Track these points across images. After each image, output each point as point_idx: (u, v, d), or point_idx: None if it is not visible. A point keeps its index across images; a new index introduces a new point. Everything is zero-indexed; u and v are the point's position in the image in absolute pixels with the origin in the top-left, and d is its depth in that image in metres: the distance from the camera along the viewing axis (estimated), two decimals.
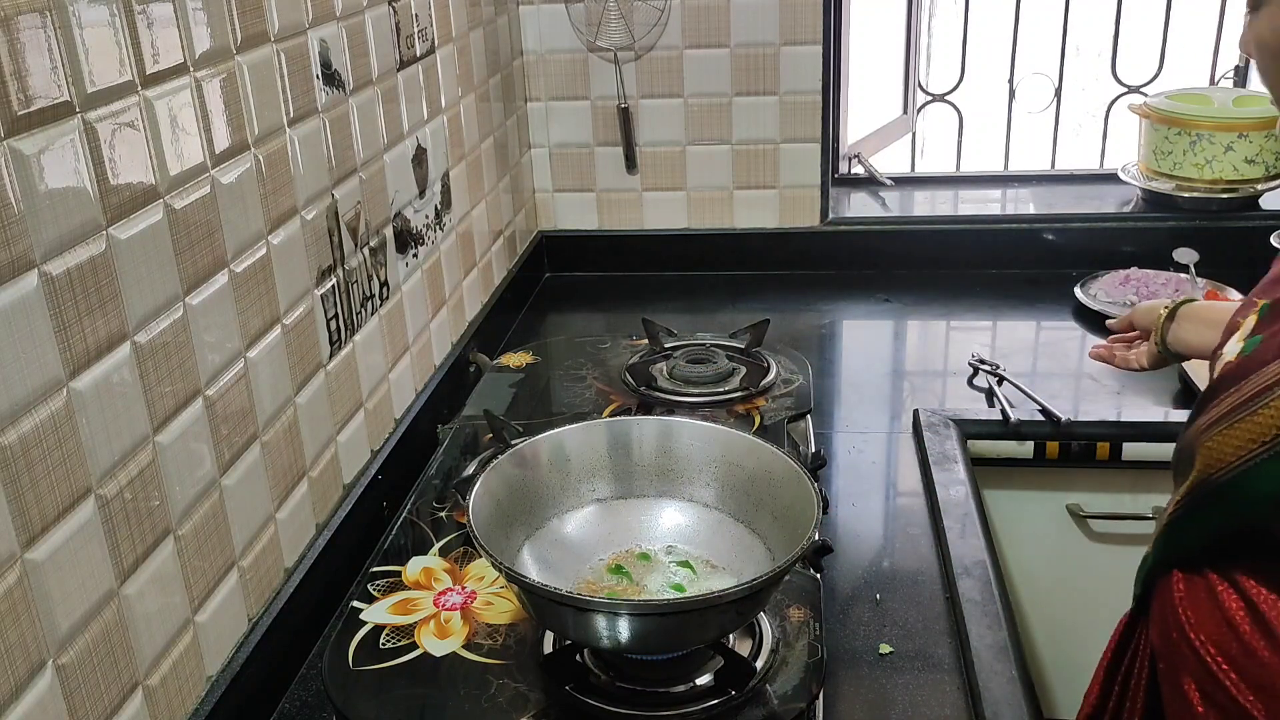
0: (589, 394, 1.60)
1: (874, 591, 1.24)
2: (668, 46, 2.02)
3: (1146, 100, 2.16)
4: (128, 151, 0.87)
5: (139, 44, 0.89)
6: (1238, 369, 0.98)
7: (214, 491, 1.01)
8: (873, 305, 2.03)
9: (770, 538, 1.11)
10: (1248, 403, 0.94)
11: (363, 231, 1.33)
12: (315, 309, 1.21)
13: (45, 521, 0.79)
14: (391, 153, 1.42)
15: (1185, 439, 1.04)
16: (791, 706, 1.00)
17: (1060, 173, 2.34)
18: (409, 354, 1.50)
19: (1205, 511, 1.00)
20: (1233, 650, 0.98)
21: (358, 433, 1.33)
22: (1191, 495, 1.00)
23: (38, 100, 0.77)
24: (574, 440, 1.18)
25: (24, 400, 0.77)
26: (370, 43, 1.35)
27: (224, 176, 1.02)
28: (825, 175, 2.09)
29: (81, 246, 0.82)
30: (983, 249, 2.10)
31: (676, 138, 2.09)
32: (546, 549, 1.13)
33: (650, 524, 1.17)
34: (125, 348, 0.88)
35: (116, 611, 0.87)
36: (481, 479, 1.09)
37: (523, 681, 1.04)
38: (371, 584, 1.19)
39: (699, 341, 1.69)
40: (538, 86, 2.08)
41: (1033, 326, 1.92)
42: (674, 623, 0.97)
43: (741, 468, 1.15)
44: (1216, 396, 0.99)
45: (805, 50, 2.00)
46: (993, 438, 1.57)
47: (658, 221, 2.15)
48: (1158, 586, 1.09)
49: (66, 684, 0.81)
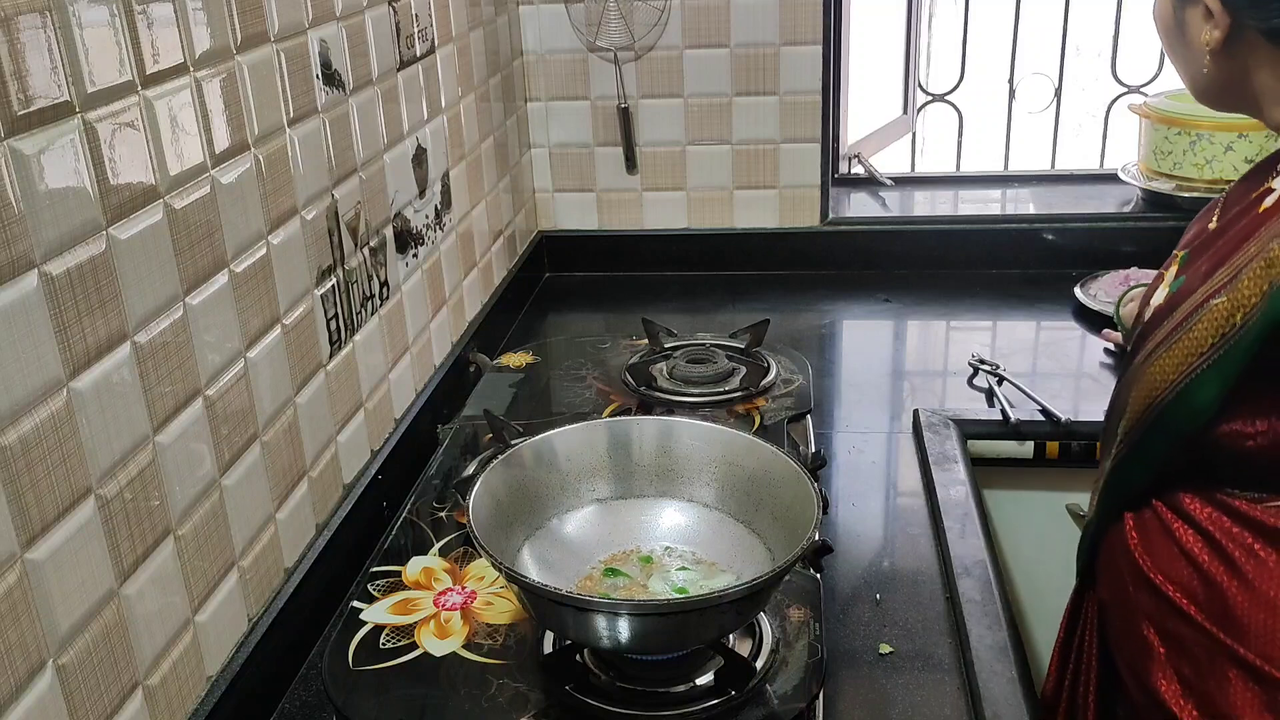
0: (589, 394, 1.60)
1: (874, 591, 1.24)
2: (668, 46, 2.02)
3: (1146, 100, 2.16)
4: (128, 151, 0.87)
5: (139, 44, 0.89)
6: (1166, 306, 1.06)
7: (214, 491, 1.01)
8: (873, 305, 2.03)
9: (770, 538, 1.11)
10: (1180, 325, 1.01)
11: (363, 231, 1.33)
12: (315, 309, 1.21)
13: (45, 521, 0.79)
14: (391, 153, 1.42)
15: (1122, 383, 1.11)
16: (791, 706, 1.00)
17: (1060, 173, 2.34)
18: (409, 354, 1.50)
19: (1150, 441, 1.05)
20: (1194, 584, 1.03)
21: (358, 433, 1.33)
22: (1134, 428, 1.06)
23: (38, 100, 0.77)
24: (574, 440, 1.18)
25: (24, 400, 0.77)
26: (370, 43, 1.35)
27: (224, 176, 1.02)
28: (825, 175, 2.09)
29: (81, 246, 0.82)
30: (983, 249, 2.10)
31: (676, 138, 2.09)
32: (546, 549, 1.13)
33: (650, 524, 1.17)
34: (125, 348, 0.88)
35: (116, 611, 0.87)
36: (481, 479, 1.09)
37: (523, 681, 1.04)
38: (371, 584, 1.19)
39: (699, 341, 1.69)
40: (538, 86, 2.08)
41: (1033, 326, 1.92)
42: (674, 623, 0.98)
43: (741, 468, 1.15)
44: (1149, 335, 1.07)
45: (805, 50, 2.00)
46: (993, 438, 1.57)
47: (658, 221, 2.15)
48: (1104, 543, 1.14)
49: (66, 684, 0.81)
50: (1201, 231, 1.12)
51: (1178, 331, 1.02)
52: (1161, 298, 1.09)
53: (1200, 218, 1.17)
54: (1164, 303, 1.07)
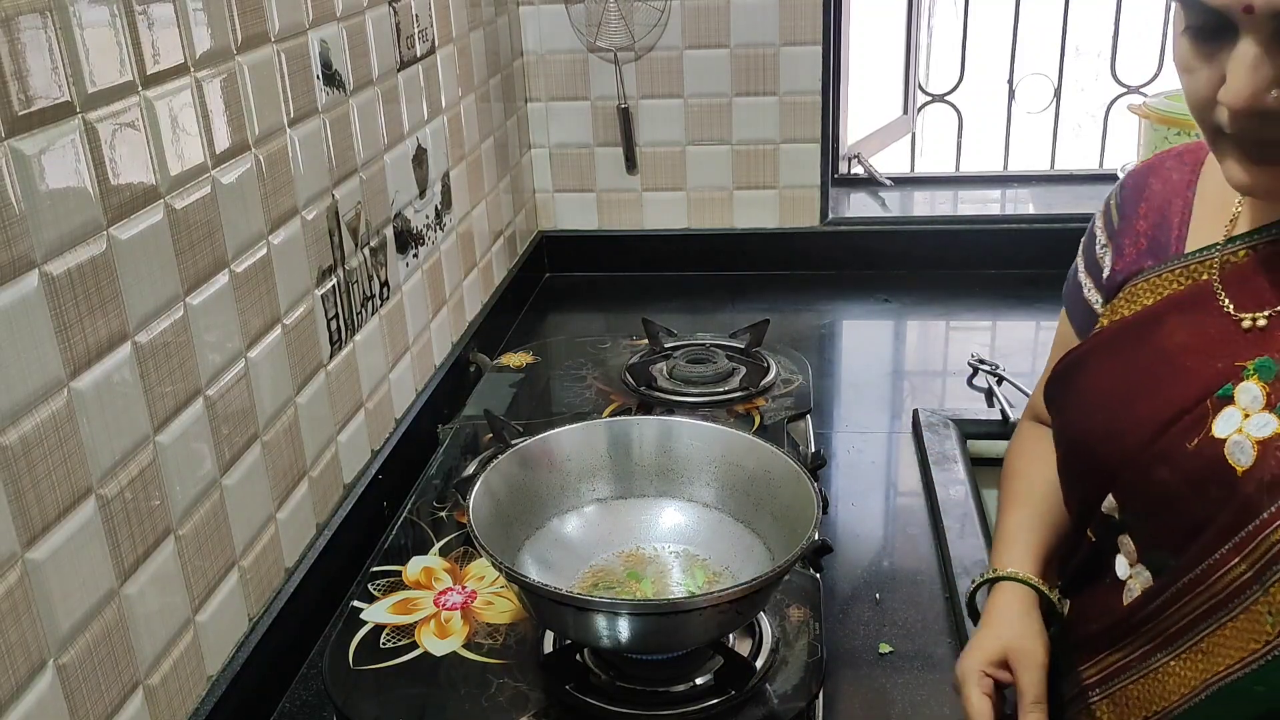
0: (589, 394, 1.60)
1: (874, 591, 1.24)
2: (668, 47, 2.02)
3: (1146, 100, 2.16)
4: (128, 152, 0.87)
5: (139, 44, 0.89)
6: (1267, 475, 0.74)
7: (214, 491, 1.01)
8: (872, 305, 2.03)
9: (770, 538, 1.11)
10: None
11: (363, 231, 1.33)
12: (315, 309, 1.21)
13: (46, 521, 0.79)
14: (392, 153, 1.42)
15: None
16: (791, 706, 1.00)
17: (1060, 173, 2.34)
18: (409, 354, 1.50)
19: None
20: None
21: (358, 433, 1.33)
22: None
23: (38, 100, 0.77)
24: (574, 440, 1.18)
25: (25, 400, 0.77)
26: (370, 43, 1.35)
27: (224, 177, 1.02)
28: (825, 175, 2.10)
29: (82, 246, 0.82)
30: (982, 249, 2.10)
31: (676, 138, 2.09)
32: (546, 549, 1.13)
33: (650, 524, 1.17)
34: (126, 348, 0.88)
35: (117, 611, 0.87)
36: (481, 479, 1.09)
37: (523, 681, 1.04)
38: (372, 584, 1.19)
39: (699, 341, 1.69)
40: (538, 87, 2.08)
41: (1032, 326, 1.92)
42: (674, 622, 0.98)
43: (741, 468, 1.15)
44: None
45: (805, 50, 2.00)
46: (992, 437, 1.57)
47: (658, 221, 2.15)
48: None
49: (67, 683, 0.81)
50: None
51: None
52: (1271, 428, 0.75)
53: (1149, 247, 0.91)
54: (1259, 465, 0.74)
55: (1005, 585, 0.97)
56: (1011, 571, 0.97)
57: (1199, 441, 0.78)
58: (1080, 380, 0.92)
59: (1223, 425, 0.77)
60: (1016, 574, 0.97)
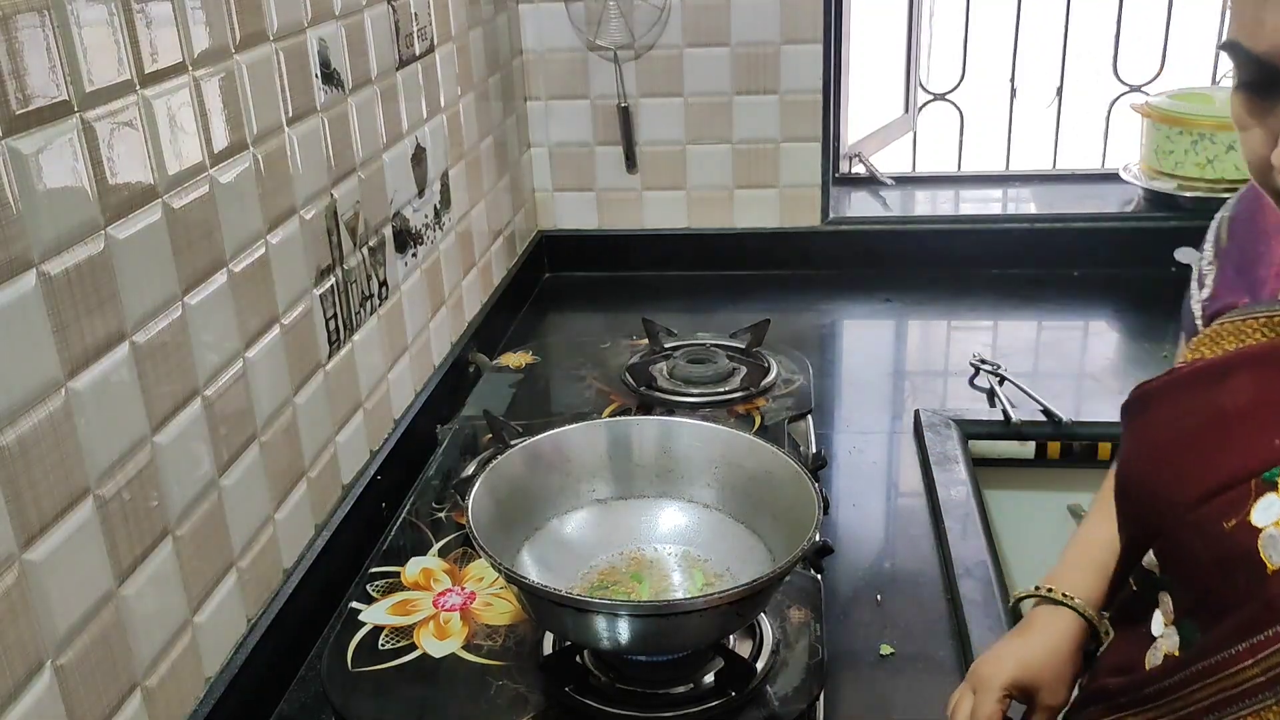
0: (589, 394, 1.60)
1: (875, 592, 1.24)
2: (668, 45, 2.02)
3: (1148, 99, 2.16)
4: (126, 151, 0.87)
5: (137, 43, 0.88)
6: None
7: (212, 492, 1.01)
8: (873, 305, 2.02)
9: (771, 538, 1.11)
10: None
11: (362, 231, 1.33)
12: (314, 309, 1.21)
13: (43, 522, 0.79)
14: (391, 152, 1.41)
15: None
16: (792, 708, 1.00)
17: (1061, 172, 2.33)
18: (408, 354, 1.49)
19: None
20: None
21: (357, 433, 1.33)
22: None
23: (36, 99, 0.77)
24: (574, 440, 1.18)
25: (22, 400, 0.76)
26: (369, 42, 1.34)
27: (222, 176, 1.02)
28: (826, 175, 2.09)
29: (80, 246, 0.82)
30: (984, 249, 2.09)
31: (676, 137, 2.08)
32: (546, 549, 1.13)
33: (650, 524, 1.17)
34: (123, 348, 0.88)
35: (115, 612, 0.87)
36: (481, 479, 1.08)
37: (522, 682, 1.04)
38: (370, 585, 1.19)
39: (699, 341, 1.69)
40: (537, 85, 2.08)
41: (1034, 326, 1.92)
42: (674, 624, 0.97)
43: (742, 468, 1.14)
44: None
45: (806, 49, 1.99)
46: (994, 438, 1.57)
47: (658, 221, 2.15)
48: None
49: (65, 685, 0.81)
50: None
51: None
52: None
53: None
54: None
55: (1064, 611, 0.94)
56: (1073, 600, 0.94)
57: (1236, 524, 0.73)
58: (1141, 419, 0.87)
59: (1261, 514, 0.72)
60: (1075, 603, 0.94)
